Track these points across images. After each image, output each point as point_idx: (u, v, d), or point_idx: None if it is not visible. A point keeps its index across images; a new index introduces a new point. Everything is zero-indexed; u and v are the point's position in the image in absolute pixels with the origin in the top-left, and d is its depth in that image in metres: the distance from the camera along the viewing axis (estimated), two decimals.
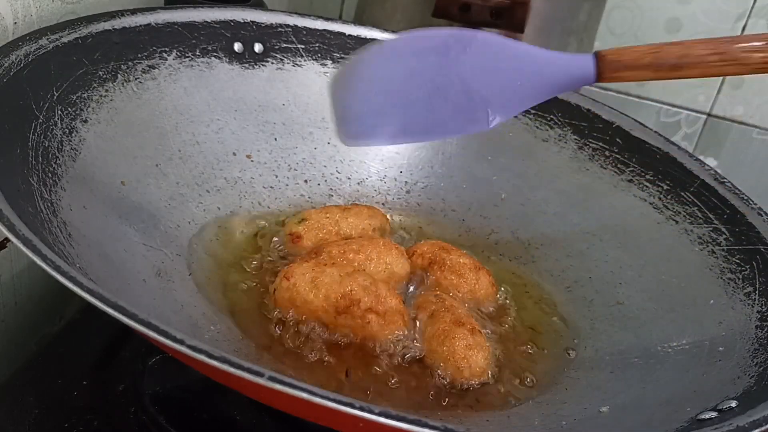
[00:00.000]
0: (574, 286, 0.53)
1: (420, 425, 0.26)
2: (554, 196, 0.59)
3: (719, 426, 0.32)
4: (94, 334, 0.47)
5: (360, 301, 0.43)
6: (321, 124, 0.60)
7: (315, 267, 0.45)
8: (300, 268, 0.45)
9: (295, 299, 0.44)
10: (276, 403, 0.32)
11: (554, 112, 0.61)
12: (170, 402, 0.42)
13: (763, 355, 0.40)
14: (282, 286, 0.45)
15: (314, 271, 0.45)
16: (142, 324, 0.28)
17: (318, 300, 0.44)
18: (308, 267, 0.45)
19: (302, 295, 0.44)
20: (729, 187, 0.51)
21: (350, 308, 0.43)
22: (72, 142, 0.43)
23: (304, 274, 0.44)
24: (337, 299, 0.43)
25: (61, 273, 0.29)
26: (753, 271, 0.46)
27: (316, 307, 0.44)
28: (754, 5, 0.91)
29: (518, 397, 0.44)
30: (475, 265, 0.51)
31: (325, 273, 0.44)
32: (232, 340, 0.43)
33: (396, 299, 0.45)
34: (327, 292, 0.44)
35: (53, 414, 0.41)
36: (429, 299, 0.48)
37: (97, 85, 0.47)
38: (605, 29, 0.95)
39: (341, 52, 0.62)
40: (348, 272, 0.45)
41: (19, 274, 0.51)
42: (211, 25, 0.56)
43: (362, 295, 0.43)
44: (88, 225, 0.40)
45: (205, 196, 0.53)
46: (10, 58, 0.41)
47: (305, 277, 0.44)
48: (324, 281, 0.44)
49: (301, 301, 0.44)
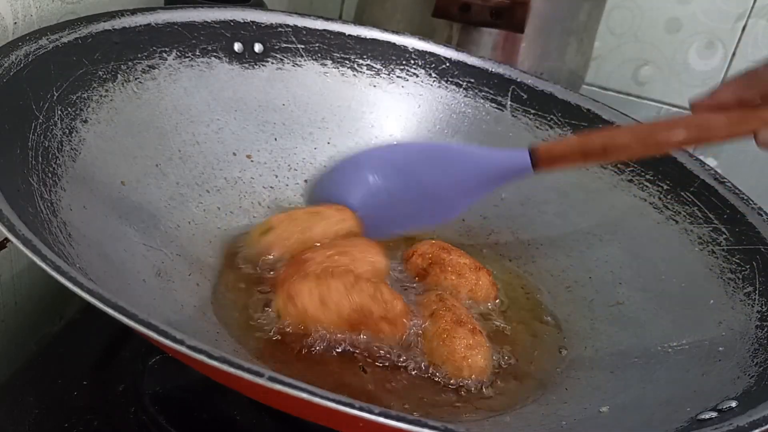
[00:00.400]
0: (574, 286, 0.53)
1: (420, 425, 0.26)
2: (554, 196, 0.59)
3: (719, 426, 0.32)
4: (94, 334, 0.47)
5: (371, 312, 0.43)
6: (321, 124, 0.60)
7: (319, 283, 0.43)
8: (304, 287, 0.43)
9: (305, 320, 0.43)
10: (276, 403, 0.32)
11: (554, 112, 0.61)
12: (170, 402, 0.42)
13: (763, 355, 0.40)
14: (289, 311, 0.43)
15: (319, 288, 0.43)
16: (142, 324, 0.28)
17: (329, 318, 0.43)
18: (312, 285, 0.43)
19: (312, 316, 0.43)
20: (729, 187, 0.51)
21: (363, 321, 0.43)
22: (72, 142, 0.43)
23: (311, 294, 0.43)
24: (349, 315, 0.43)
25: (61, 273, 0.29)
26: (753, 271, 0.46)
27: (327, 324, 0.43)
28: (754, 5, 0.91)
29: (518, 397, 0.44)
30: (476, 265, 0.51)
31: (331, 289, 0.43)
32: (232, 341, 0.43)
33: (400, 301, 0.45)
34: (338, 308, 0.43)
35: (53, 414, 0.41)
36: (430, 299, 0.47)
37: (97, 85, 0.47)
38: (605, 29, 0.95)
39: (341, 52, 0.62)
40: (351, 282, 0.44)
41: (19, 274, 0.51)
42: (211, 25, 0.56)
43: (372, 306, 0.43)
44: (88, 225, 0.40)
45: (205, 196, 0.53)
46: (10, 58, 0.41)
47: (313, 298, 0.43)
48: (333, 299, 0.43)
49: (311, 321, 0.43)
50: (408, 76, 0.63)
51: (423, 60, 0.64)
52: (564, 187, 0.58)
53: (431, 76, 0.64)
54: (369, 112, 0.62)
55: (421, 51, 0.64)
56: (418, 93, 0.63)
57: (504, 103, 0.62)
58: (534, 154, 0.47)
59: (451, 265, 0.50)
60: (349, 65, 0.62)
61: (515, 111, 0.62)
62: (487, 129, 0.62)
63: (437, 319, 0.45)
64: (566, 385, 0.45)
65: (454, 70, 0.64)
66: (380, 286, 0.45)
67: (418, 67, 0.63)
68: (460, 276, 0.50)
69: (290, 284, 0.44)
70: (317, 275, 0.44)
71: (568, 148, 0.46)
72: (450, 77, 0.64)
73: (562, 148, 0.47)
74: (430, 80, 0.64)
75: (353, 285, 0.43)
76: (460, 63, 0.64)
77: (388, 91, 0.63)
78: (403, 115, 0.63)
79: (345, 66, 0.62)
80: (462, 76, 0.63)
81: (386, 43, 0.63)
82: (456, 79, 0.63)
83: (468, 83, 0.63)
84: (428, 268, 0.51)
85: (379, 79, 0.63)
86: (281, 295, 0.43)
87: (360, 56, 0.62)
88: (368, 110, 0.62)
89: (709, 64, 0.95)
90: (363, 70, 0.62)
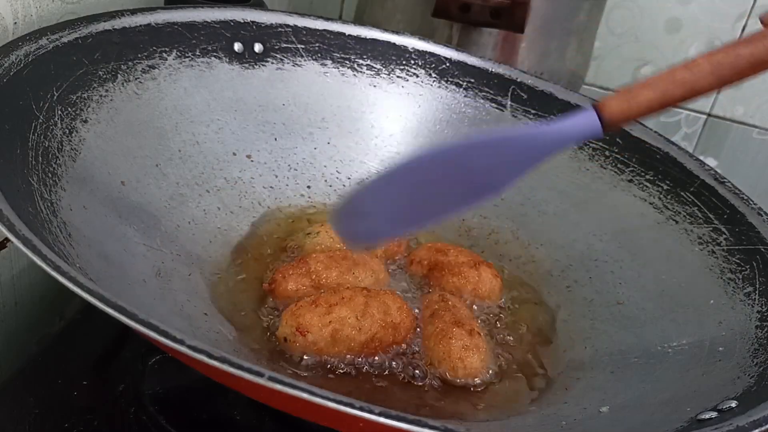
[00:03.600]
0: (574, 286, 0.53)
1: (420, 425, 0.26)
2: (554, 196, 0.58)
3: (719, 426, 0.32)
4: (94, 334, 0.47)
5: (382, 340, 0.43)
6: (321, 124, 0.60)
7: (327, 314, 0.42)
8: (314, 320, 0.42)
9: (314, 350, 0.42)
10: (276, 403, 0.32)
11: (554, 112, 0.61)
12: (170, 402, 0.42)
13: (763, 355, 0.40)
14: (297, 340, 0.42)
15: (329, 318, 0.42)
16: (142, 324, 0.28)
17: (339, 351, 0.43)
18: (324, 318, 0.42)
19: (323, 349, 0.42)
20: (729, 187, 0.51)
21: (376, 349, 0.43)
22: (72, 142, 0.43)
23: (321, 329, 0.42)
24: (361, 348, 0.43)
25: (61, 273, 0.29)
26: (753, 271, 0.46)
27: (335, 354, 0.43)
28: (754, 5, 0.91)
29: (518, 397, 0.44)
30: (475, 261, 0.51)
31: (343, 324, 0.42)
32: (232, 341, 0.43)
33: (407, 314, 0.45)
34: (348, 343, 0.42)
35: (53, 414, 0.41)
36: (433, 299, 0.48)
37: (97, 85, 0.47)
38: (605, 29, 0.95)
39: (341, 52, 0.62)
40: (360, 309, 0.43)
41: (19, 274, 0.51)
42: (211, 25, 0.56)
43: (383, 334, 0.43)
44: (88, 225, 0.40)
45: (205, 196, 0.53)
46: (10, 58, 0.41)
47: (324, 334, 0.42)
48: (344, 333, 0.42)
49: (321, 353, 0.43)
50: (408, 76, 0.63)
51: (423, 60, 0.64)
52: (564, 187, 0.58)
53: (431, 76, 0.64)
54: (369, 112, 0.62)
55: (421, 51, 0.64)
56: (418, 93, 0.63)
57: (504, 103, 0.62)
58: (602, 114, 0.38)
59: (449, 266, 0.50)
60: (349, 65, 0.62)
61: (515, 111, 0.62)
62: (488, 129, 0.62)
63: (436, 319, 0.45)
64: (566, 385, 0.45)
65: (454, 70, 0.64)
66: (390, 305, 0.44)
67: (418, 67, 0.63)
68: (461, 276, 0.50)
69: (299, 314, 0.43)
70: (327, 303, 0.43)
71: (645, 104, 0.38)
72: (450, 77, 0.64)
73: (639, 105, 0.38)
74: (430, 80, 0.64)
75: (363, 313, 0.43)
76: (460, 63, 0.64)
77: (388, 91, 0.63)
78: (403, 115, 0.63)
79: (345, 66, 0.62)
80: (462, 76, 0.63)
81: (386, 43, 0.63)
82: (456, 79, 0.63)
83: (468, 83, 0.63)
84: (428, 274, 0.51)
85: (379, 79, 0.63)
86: (289, 322, 0.43)
87: (360, 56, 0.62)
88: (368, 110, 0.62)
89: None
90: (363, 70, 0.62)
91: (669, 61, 0.96)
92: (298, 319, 0.42)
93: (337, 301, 0.43)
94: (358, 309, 0.43)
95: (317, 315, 0.42)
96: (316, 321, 0.42)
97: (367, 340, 0.43)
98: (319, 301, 0.43)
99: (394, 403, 0.41)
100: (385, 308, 0.44)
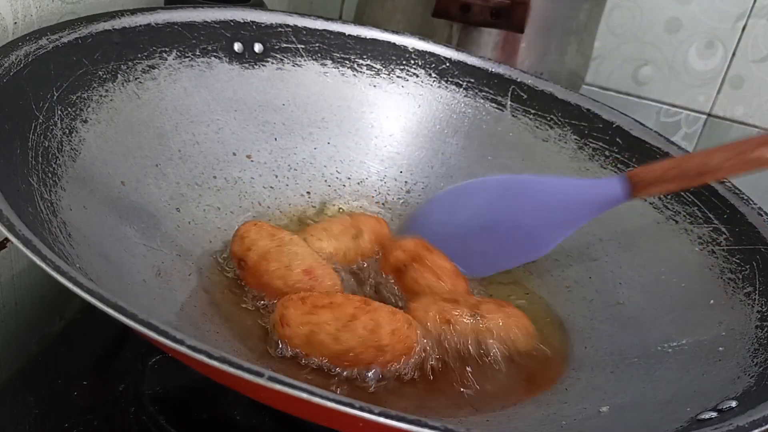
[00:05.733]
0: (574, 286, 0.53)
1: (420, 425, 0.26)
2: None
3: (719, 426, 0.32)
4: (94, 334, 0.47)
5: (360, 357, 0.41)
6: (321, 124, 0.60)
7: (310, 314, 0.41)
8: (296, 317, 0.41)
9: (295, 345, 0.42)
10: (276, 403, 0.32)
11: (554, 112, 0.61)
12: (170, 402, 0.42)
13: (763, 355, 0.40)
14: (280, 332, 0.42)
15: (309, 318, 0.41)
16: (142, 324, 0.28)
17: (314, 353, 0.41)
18: (304, 317, 0.41)
19: (299, 346, 0.41)
20: (729, 187, 0.51)
21: (352, 363, 0.41)
22: (72, 142, 0.43)
23: (298, 327, 0.41)
24: (333, 357, 0.41)
25: (61, 273, 0.29)
26: (753, 271, 0.46)
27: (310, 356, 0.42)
28: (754, 5, 0.91)
29: (518, 398, 0.44)
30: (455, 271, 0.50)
31: (319, 327, 0.41)
32: (232, 341, 0.43)
33: (401, 340, 0.42)
34: (321, 348, 0.41)
35: (53, 414, 0.41)
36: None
37: (97, 85, 0.47)
38: (605, 29, 0.95)
39: (341, 52, 0.62)
40: (345, 320, 0.41)
41: (19, 274, 0.51)
42: (211, 25, 0.56)
43: (361, 351, 0.40)
44: (88, 225, 0.40)
45: (205, 196, 0.53)
46: (10, 58, 0.41)
47: (300, 332, 0.41)
48: (319, 338, 0.41)
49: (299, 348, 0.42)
50: (408, 76, 0.63)
51: (423, 60, 0.64)
52: None
53: (431, 76, 0.64)
54: (369, 112, 0.62)
55: (421, 51, 0.64)
56: (418, 93, 0.63)
57: (504, 103, 0.62)
58: (628, 182, 0.47)
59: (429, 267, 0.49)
60: (349, 65, 0.62)
61: (515, 111, 0.62)
62: (487, 129, 0.62)
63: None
64: (566, 385, 0.45)
65: (454, 70, 0.64)
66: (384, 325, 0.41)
67: (418, 67, 0.63)
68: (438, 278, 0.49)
69: (286, 305, 0.42)
70: (313, 304, 0.42)
71: (663, 173, 0.46)
72: (450, 77, 0.64)
73: (658, 173, 0.47)
74: (430, 80, 0.64)
75: (347, 325, 0.41)
76: (460, 63, 0.64)
77: (388, 91, 0.63)
78: (403, 115, 0.63)
79: (345, 66, 0.62)
80: (462, 76, 0.63)
81: (386, 43, 0.63)
82: (456, 79, 0.63)
83: (468, 83, 0.63)
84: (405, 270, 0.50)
85: (379, 79, 0.63)
86: (278, 310, 0.42)
87: (360, 56, 0.62)
88: (368, 110, 0.62)
89: (709, 64, 0.95)
90: (363, 70, 0.62)
91: (669, 61, 0.96)
92: (283, 310, 0.42)
93: (324, 304, 0.41)
94: (342, 318, 0.41)
95: (300, 312, 0.41)
96: (297, 317, 0.41)
97: (341, 352, 0.40)
98: (308, 299, 0.42)
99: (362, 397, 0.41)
100: (375, 326, 0.41)
